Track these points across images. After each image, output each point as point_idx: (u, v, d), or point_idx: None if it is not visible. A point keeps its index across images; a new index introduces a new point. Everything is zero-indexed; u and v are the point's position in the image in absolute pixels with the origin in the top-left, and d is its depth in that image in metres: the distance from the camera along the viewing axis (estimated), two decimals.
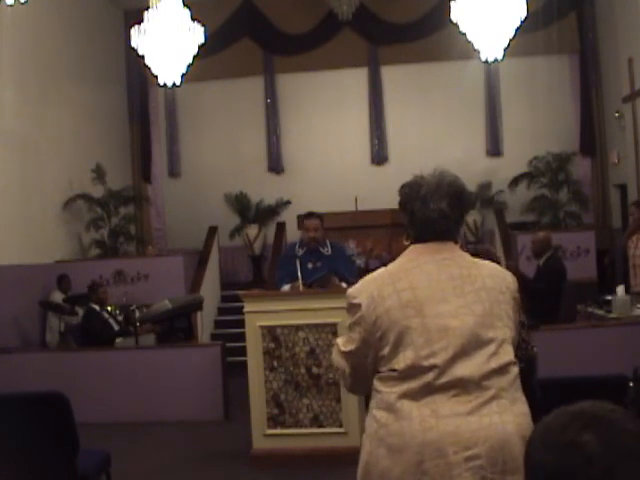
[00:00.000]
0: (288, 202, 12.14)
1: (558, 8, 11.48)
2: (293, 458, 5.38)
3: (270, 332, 5.43)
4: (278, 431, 5.44)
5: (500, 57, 8.74)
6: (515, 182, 11.54)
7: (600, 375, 3.48)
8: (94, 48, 11.34)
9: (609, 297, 7.31)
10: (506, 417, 1.99)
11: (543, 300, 6.90)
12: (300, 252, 5.89)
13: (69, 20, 10.61)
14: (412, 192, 2.22)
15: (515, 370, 2.10)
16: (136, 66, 11.73)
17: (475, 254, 2.50)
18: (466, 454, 1.94)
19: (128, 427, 6.78)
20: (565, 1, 11.68)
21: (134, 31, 8.31)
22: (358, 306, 2.13)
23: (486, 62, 9.48)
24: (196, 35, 8.43)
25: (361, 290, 2.17)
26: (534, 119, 11.82)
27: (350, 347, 2.17)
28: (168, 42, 8.25)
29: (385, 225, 9.61)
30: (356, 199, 10.54)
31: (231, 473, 5.50)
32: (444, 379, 2.00)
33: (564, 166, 11.56)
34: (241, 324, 5.60)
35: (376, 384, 2.12)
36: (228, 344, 7.47)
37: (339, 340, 2.27)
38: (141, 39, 8.26)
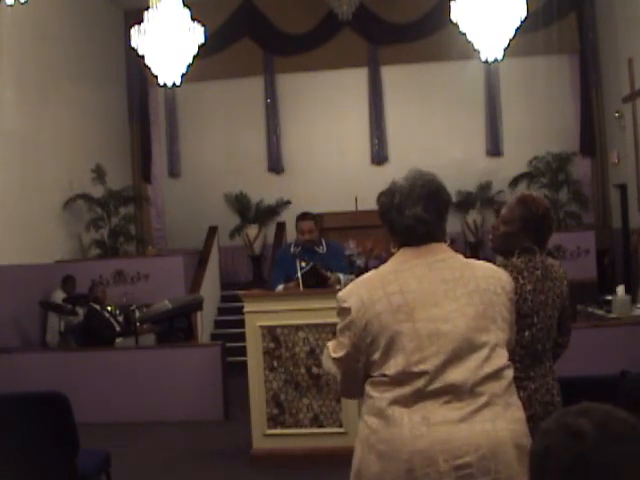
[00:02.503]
0: (288, 202, 12.13)
1: (558, 8, 11.48)
2: (293, 458, 5.38)
3: (270, 332, 5.44)
4: (278, 431, 5.44)
5: (500, 57, 8.74)
6: (515, 182, 11.54)
7: (600, 375, 3.48)
8: (94, 48, 11.34)
9: (609, 297, 7.32)
10: (499, 424, 1.95)
11: None
12: (295, 251, 5.91)
13: (69, 20, 10.61)
14: (388, 201, 2.18)
15: (509, 374, 2.05)
16: (136, 66, 11.73)
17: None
18: (456, 462, 1.90)
19: (128, 427, 6.78)
20: (565, 1, 11.68)
21: (134, 31, 8.31)
22: (348, 310, 2.08)
23: (486, 62, 9.48)
24: (196, 35, 8.43)
25: (351, 293, 2.11)
26: (534, 119, 11.82)
27: (340, 353, 2.11)
28: (168, 42, 8.25)
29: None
30: (356, 199, 10.54)
31: (231, 473, 5.50)
32: (435, 385, 1.96)
33: (564, 166, 11.56)
34: (241, 324, 5.60)
35: (368, 389, 2.08)
36: (228, 344, 7.47)
37: (330, 344, 2.21)
38: (141, 39, 8.26)
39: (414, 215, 2.11)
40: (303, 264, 5.73)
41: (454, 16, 8.32)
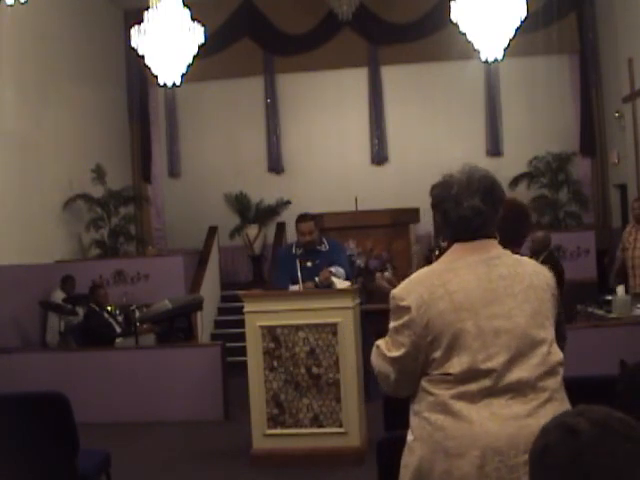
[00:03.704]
0: (288, 202, 12.13)
1: (558, 8, 11.48)
2: (293, 458, 5.38)
3: (270, 332, 5.44)
4: (278, 431, 5.44)
5: (500, 57, 8.73)
6: (515, 182, 11.54)
7: (600, 375, 3.48)
8: (94, 48, 11.34)
9: (609, 297, 7.32)
10: None
11: None
12: (298, 252, 5.92)
13: (69, 20, 10.61)
14: (444, 192, 2.16)
15: (562, 370, 2.08)
16: (136, 66, 11.73)
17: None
18: (525, 457, 1.88)
19: (128, 427, 6.78)
20: (565, 1, 11.68)
21: (134, 31, 8.30)
22: (407, 309, 2.06)
23: (486, 62, 9.48)
24: (196, 35, 8.43)
25: (409, 291, 2.09)
26: (534, 119, 11.82)
27: (398, 352, 2.09)
28: (168, 42, 8.24)
29: (385, 225, 9.60)
30: (356, 199, 10.52)
31: (231, 473, 5.50)
32: (503, 382, 1.97)
33: (564, 166, 11.56)
34: (241, 324, 5.60)
35: (426, 386, 2.06)
36: (228, 344, 7.47)
37: (381, 343, 2.18)
38: (141, 39, 8.26)
39: (472, 206, 2.11)
40: (309, 263, 5.78)
41: (454, 16, 8.31)
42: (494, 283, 2.06)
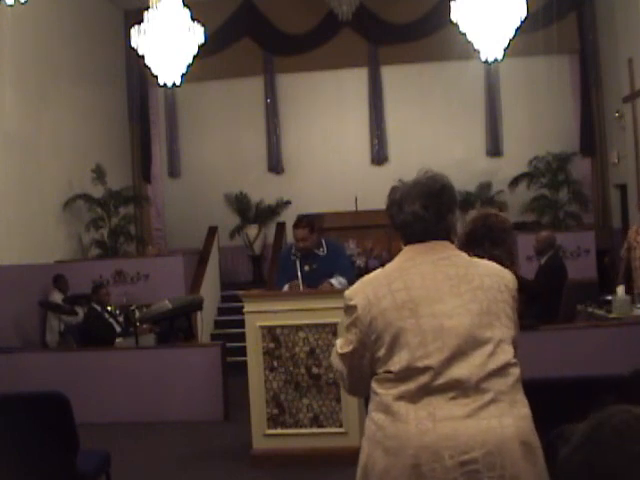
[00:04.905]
0: (288, 202, 12.14)
1: (558, 8, 11.47)
2: (293, 458, 5.37)
3: (270, 332, 5.43)
4: (278, 431, 5.43)
5: (500, 57, 8.73)
6: (515, 182, 11.55)
7: (600, 375, 3.48)
8: (94, 48, 11.34)
9: (609, 297, 7.32)
10: (505, 421, 1.96)
11: (543, 299, 6.89)
12: (297, 255, 5.91)
13: (69, 20, 10.61)
14: (392, 197, 2.24)
15: (516, 371, 2.05)
16: (136, 66, 11.74)
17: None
18: (462, 458, 1.91)
19: (128, 427, 6.78)
20: (565, 1, 11.68)
21: (134, 31, 8.30)
22: (354, 308, 2.12)
23: (486, 62, 9.47)
24: (196, 35, 8.42)
25: (357, 291, 2.16)
26: (534, 119, 11.83)
27: (347, 349, 2.16)
28: (168, 42, 8.24)
29: (385, 225, 9.59)
30: (356, 199, 10.54)
31: (231, 473, 5.50)
32: (440, 381, 1.97)
33: (564, 166, 11.57)
34: (241, 324, 5.59)
35: (374, 386, 2.10)
36: (228, 344, 7.46)
37: (338, 341, 2.26)
38: (141, 39, 8.25)
39: (412, 212, 2.16)
40: (306, 267, 5.77)
41: (454, 16, 8.31)
42: (439, 282, 2.09)
